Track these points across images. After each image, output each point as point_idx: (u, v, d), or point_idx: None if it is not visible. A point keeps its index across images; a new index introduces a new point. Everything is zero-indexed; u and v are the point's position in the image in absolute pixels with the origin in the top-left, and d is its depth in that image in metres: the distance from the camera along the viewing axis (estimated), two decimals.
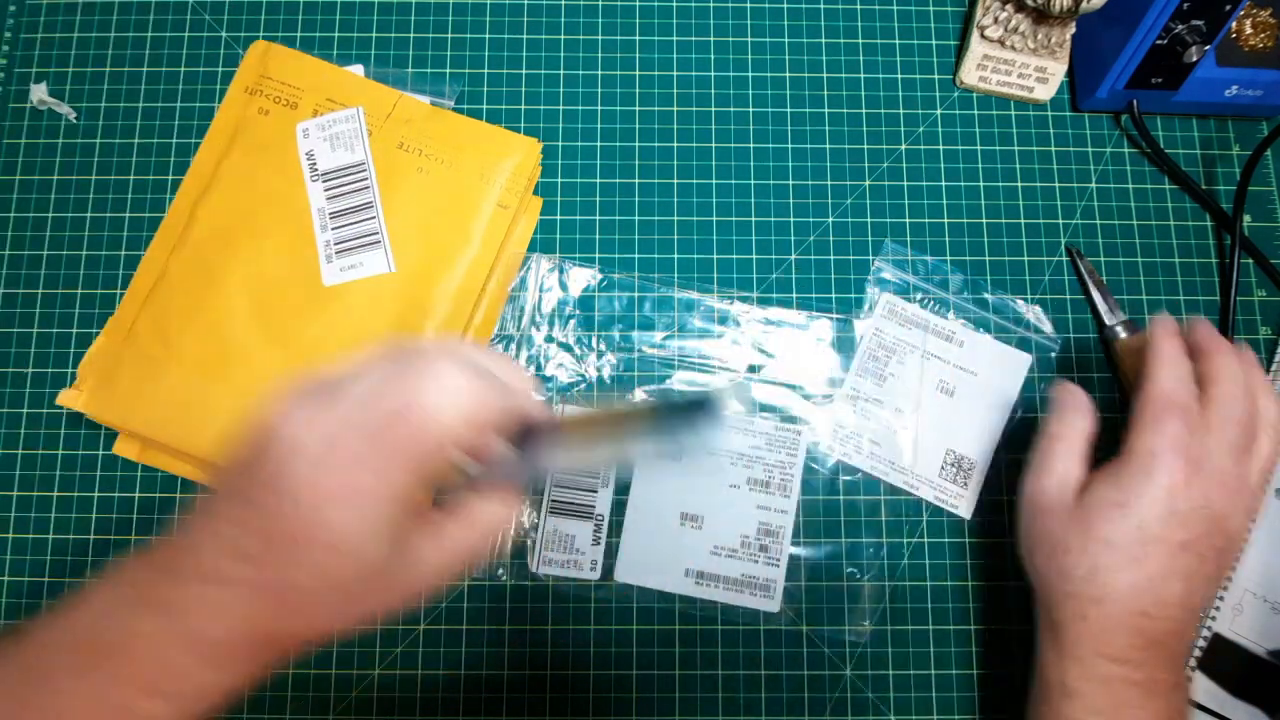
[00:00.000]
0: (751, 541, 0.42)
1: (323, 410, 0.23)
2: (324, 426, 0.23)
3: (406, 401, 0.23)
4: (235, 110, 0.44)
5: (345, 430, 0.23)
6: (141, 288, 0.42)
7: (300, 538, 0.23)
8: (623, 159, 0.46)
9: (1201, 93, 0.45)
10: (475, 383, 0.24)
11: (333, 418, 0.23)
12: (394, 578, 0.25)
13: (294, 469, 0.23)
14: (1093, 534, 0.33)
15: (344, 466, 0.23)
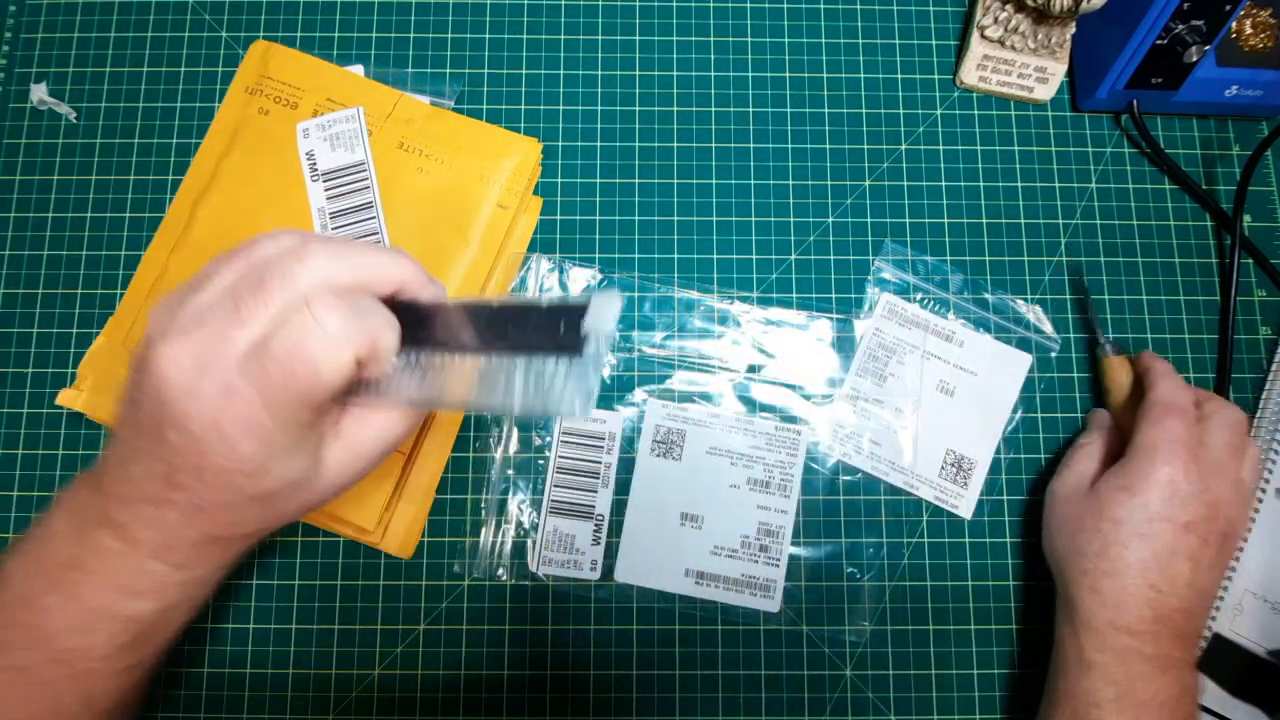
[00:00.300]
0: (751, 541, 0.42)
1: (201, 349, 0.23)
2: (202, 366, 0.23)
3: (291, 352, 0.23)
4: (235, 110, 0.44)
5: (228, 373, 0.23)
6: (141, 288, 0.42)
7: (206, 465, 0.24)
8: (623, 159, 0.46)
9: (1201, 93, 0.45)
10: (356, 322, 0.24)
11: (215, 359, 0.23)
12: (306, 485, 0.26)
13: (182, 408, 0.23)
14: (1104, 515, 0.36)
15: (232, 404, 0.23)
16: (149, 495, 0.25)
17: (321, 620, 0.41)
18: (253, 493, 0.25)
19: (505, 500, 0.42)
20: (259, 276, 0.24)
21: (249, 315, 0.23)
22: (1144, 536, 0.35)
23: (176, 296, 0.25)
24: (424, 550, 0.42)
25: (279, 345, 0.23)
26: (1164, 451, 0.36)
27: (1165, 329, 0.45)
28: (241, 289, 0.24)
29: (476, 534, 0.42)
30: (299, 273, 0.24)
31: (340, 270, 0.24)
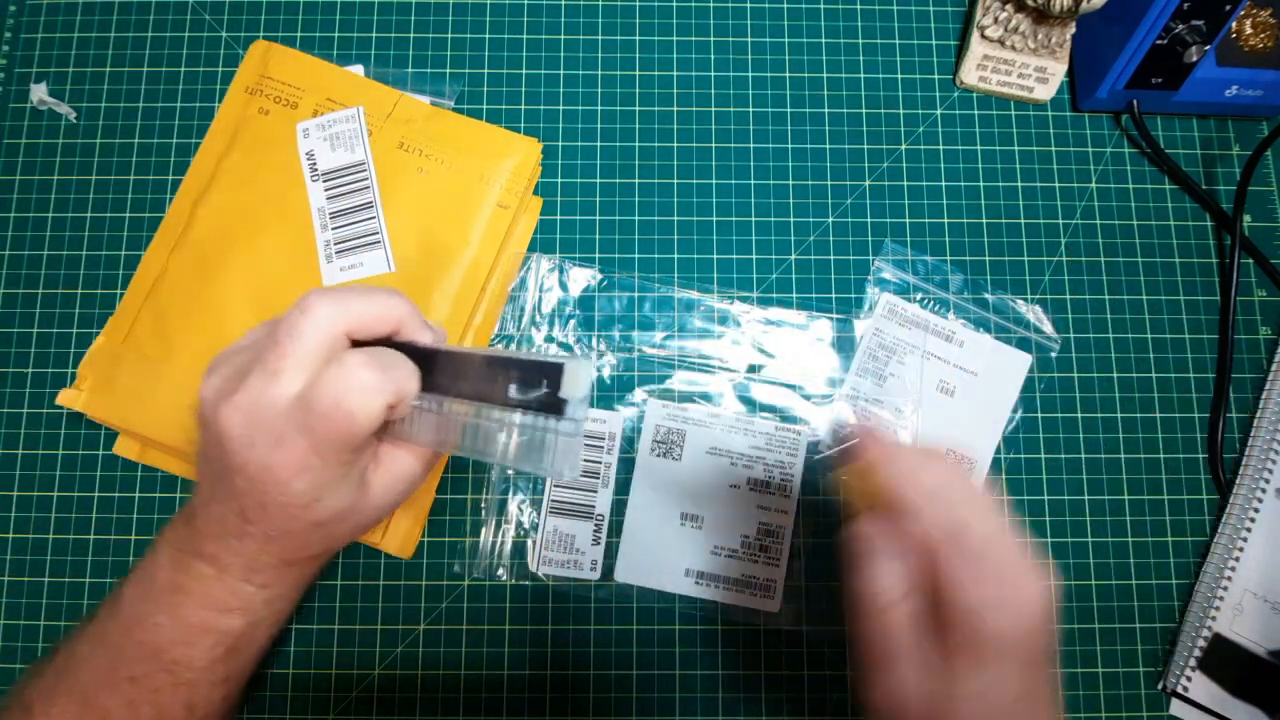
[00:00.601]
0: (751, 541, 0.42)
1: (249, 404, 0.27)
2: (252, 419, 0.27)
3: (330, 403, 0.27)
4: (235, 110, 0.44)
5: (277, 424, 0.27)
6: (141, 287, 0.42)
7: (268, 502, 0.28)
8: (623, 159, 0.46)
9: (1201, 93, 0.45)
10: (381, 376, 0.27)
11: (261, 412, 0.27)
12: (359, 507, 0.30)
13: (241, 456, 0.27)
14: None
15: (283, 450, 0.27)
16: (230, 529, 0.29)
17: (321, 620, 0.41)
18: (311, 521, 0.29)
19: (505, 500, 0.42)
20: (274, 336, 0.28)
21: (275, 371, 0.27)
22: None
23: (223, 358, 0.30)
24: (424, 550, 0.42)
25: (320, 399, 0.27)
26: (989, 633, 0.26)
27: (1165, 329, 0.45)
28: (264, 349, 0.28)
29: (476, 534, 0.42)
30: (304, 326, 0.27)
31: (340, 317, 0.28)
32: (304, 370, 0.27)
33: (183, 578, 0.30)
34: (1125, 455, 0.44)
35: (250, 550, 0.30)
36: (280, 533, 0.29)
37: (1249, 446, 0.44)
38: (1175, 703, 0.42)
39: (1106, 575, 0.43)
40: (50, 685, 0.31)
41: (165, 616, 0.30)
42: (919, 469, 0.28)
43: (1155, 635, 0.43)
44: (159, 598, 0.30)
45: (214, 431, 0.28)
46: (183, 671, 0.30)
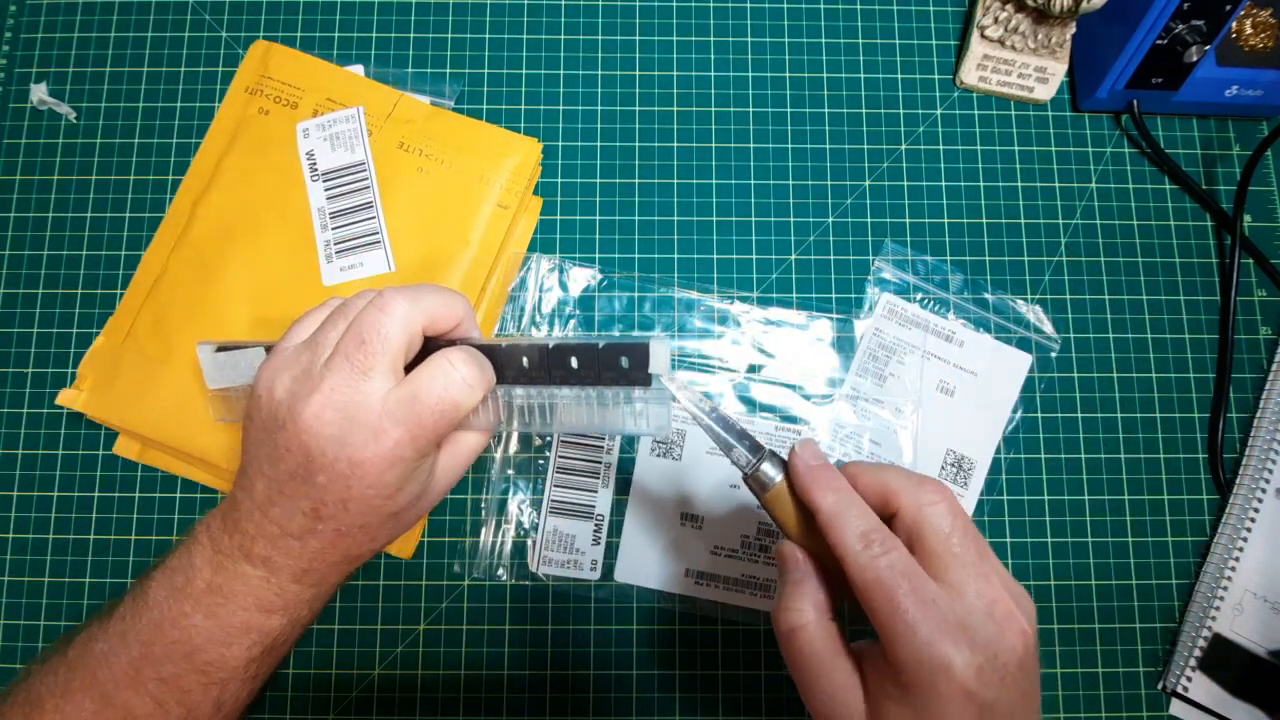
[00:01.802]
0: (751, 541, 0.42)
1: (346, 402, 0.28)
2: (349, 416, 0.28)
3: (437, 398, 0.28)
4: (235, 110, 0.44)
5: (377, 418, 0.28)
6: (141, 287, 0.42)
7: (352, 497, 0.28)
8: (623, 159, 0.46)
9: (1201, 93, 0.45)
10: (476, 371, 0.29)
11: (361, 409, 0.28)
12: (427, 492, 0.31)
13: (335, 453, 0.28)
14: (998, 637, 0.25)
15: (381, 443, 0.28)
16: (294, 529, 0.29)
17: (321, 620, 0.41)
18: (389, 511, 0.29)
19: (505, 500, 0.42)
20: (359, 336, 0.28)
21: (365, 369, 0.28)
22: None
23: (285, 361, 0.30)
24: (424, 550, 0.42)
25: (428, 394, 0.28)
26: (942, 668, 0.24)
27: (1165, 329, 0.45)
28: (350, 348, 0.28)
29: (476, 534, 0.42)
30: (387, 323, 0.29)
31: (417, 315, 0.29)
32: (390, 366, 0.29)
33: (225, 580, 0.30)
34: (1125, 455, 0.44)
35: (312, 549, 0.30)
36: (354, 527, 0.29)
37: (1249, 446, 0.44)
38: (1175, 703, 0.42)
39: (1106, 575, 0.43)
40: (64, 681, 0.30)
41: (203, 617, 0.30)
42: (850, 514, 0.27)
43: (1155, 635, 0.43)
44: (197, 598, 0.30)
45: (296, 430, 0.28)
46: (216, 671, 0.30)
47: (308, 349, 0.30)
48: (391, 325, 0.28)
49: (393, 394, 0.28)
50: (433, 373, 0.29)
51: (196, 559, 0.31)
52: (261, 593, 0.30)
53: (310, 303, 0.41)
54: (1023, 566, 0.43)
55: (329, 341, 0.29)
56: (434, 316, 0.30)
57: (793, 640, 0.27)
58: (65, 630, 0.41)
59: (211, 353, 0.36)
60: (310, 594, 0.31)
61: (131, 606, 0.31)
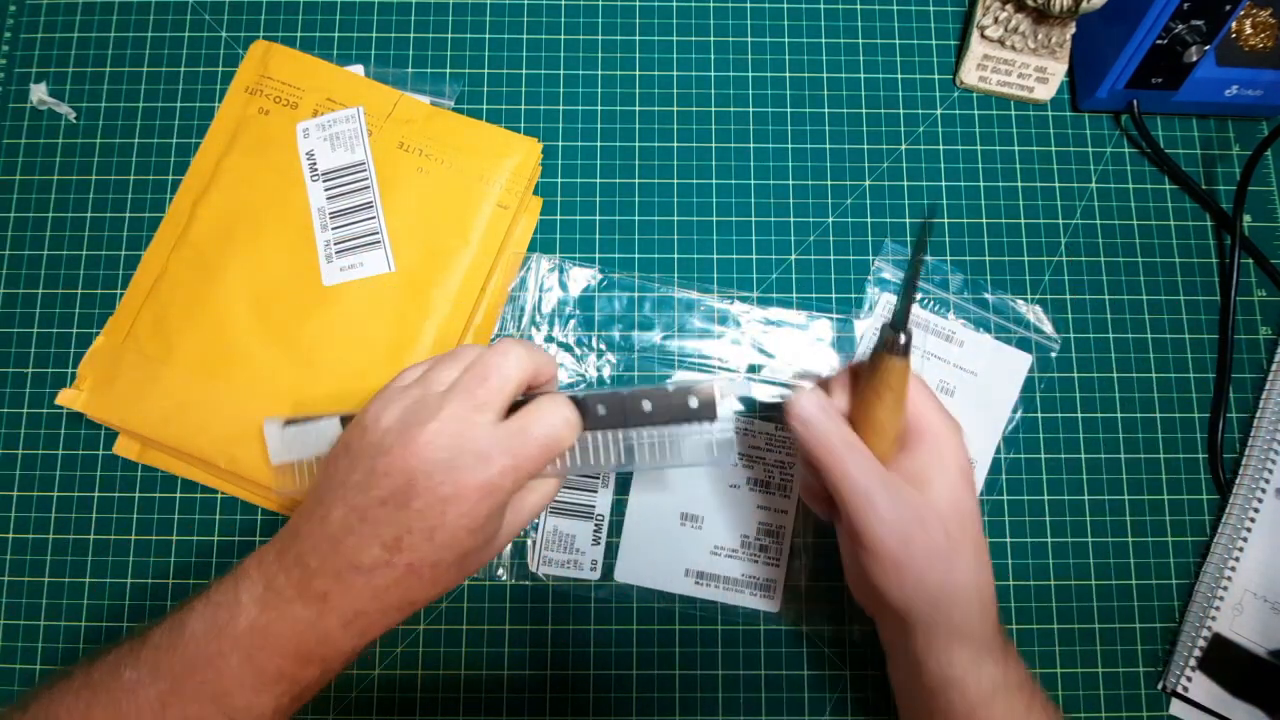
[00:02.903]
0: (751, 541, 0.42)
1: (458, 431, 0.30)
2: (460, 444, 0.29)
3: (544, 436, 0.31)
4: (235, 110, 0.44)
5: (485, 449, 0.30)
6: (141, 287, 0.42)
7: (442, 525, 0.29)
8: (623, 159, 0.46)
9: (1201, 93, 0.45)
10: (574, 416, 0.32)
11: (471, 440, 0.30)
12: (497, 539, 0.32)
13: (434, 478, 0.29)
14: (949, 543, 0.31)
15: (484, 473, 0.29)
16: (363, 563, 0.29)
17: None
18: (466, 548, 0.30)
19: None
20: (483, 373, 0.31)
21: (482, 403, 0.30)
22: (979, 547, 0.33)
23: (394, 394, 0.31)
24: None
25: (537, 430, 0.31)
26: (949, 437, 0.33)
27: (1165, 329, 0.45)
28: (471, 383, 0.31)
29: None
30: (507, 365, 0.31)
31: (528, 364, 0.32)
32: (503, 405, 0.31)
33: (270, 621, 0.29)
34: (1125, 455, 0.44)
35: (376, 586, 0.29)
36: (426, 564, 0.29)
37: (1249, 446, 0.44)
38: (1175, 703, 0.42)
39: (1106, 575, 0.43)
40: (85, 705, 0.29)
41: (239, 660, 0.29)
42: None
43: (1155, 635, 0.43)
44: (236, 639, 0.29)
45: (403, 454, 0.29)
46: (242, 717, 0.30)
47: (419, 386, 0.31)
48: (511, 368, 0.31)
49: (502, 426, 0.30)
50: (540, 410, 0.31)
51: (243, 595, 0.30)
52: (305, 638, 0.29)
53: (310, 303, 0.42)
54: (1023, 566, 0.43)
55: (442, 379, 0.31)
56: (539, 369, 0.33)
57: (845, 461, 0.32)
58: (64, 631, 0.41)
59: (280, 428, 0.36)
60: (351, 645, 0.30)
61: (167, 636, 0.30)
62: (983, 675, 0.32)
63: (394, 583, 0.30)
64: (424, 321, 0.42)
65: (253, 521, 0.42)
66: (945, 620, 0.32)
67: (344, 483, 0.30)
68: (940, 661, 0.32)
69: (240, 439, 0.40)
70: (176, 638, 0.30)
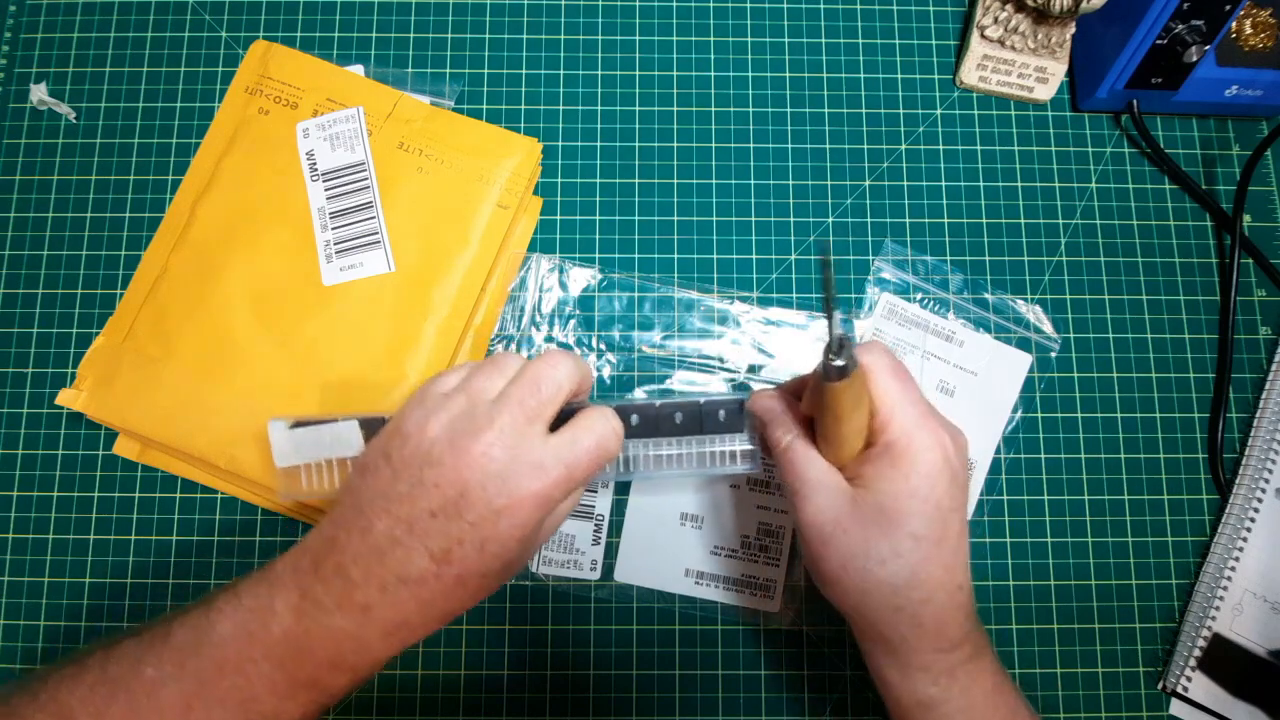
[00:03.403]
0: (751, 541, 0.42)
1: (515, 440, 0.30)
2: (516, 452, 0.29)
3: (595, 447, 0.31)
4: (235, 110, 0.44)
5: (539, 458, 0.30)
6: (141, 287, 0.42)
7: (493, 536, 0.29)
8: (623, 159, 0.46)
9: (1201, 93, 0.45)
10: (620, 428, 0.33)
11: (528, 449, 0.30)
12: (531, 552, 0.33)
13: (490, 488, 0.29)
14: (901, 533, 0.30)
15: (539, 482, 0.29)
16: (410, 575, 0.29)
17: None
18: (514, 557, 0.30)
19: None
20: (535, 383, 0.31)
21: (535, 415, 0.31)
22: (942, 541, 0.30)
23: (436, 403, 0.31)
24: None
25: (589, 437, 0.31)
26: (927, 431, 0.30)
27: (1165, 329, 0.45)
28: (523, 394, 0.31)
29: None
30: (558, 376, 0.31)
31: (575, 376, 0.32)
32: (552, 415, 0.31)
33: (306, 630, 0.29)
34: (1125, 455, 0.44)
35: (422, 598, 0.29)
36: (475, 575, 0.29)
37: (1249, 446, 0.44)
38: (1175, 703, 0.42)
39: (1106, 575, 0.43)
40: (102, 700, 0.29)
41: (271, 667, 0.29)
42: None
43: (1155, 635, 0.43)
44: (270, 646, 0.29)
45: (456, 466, 0.29)
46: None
47: (462, 395, 0.31)
48: (563, 379, 0.31)
49: (555, 437, 0.31)
50: (591, 421, 0.32)
51: (278, 604, 0.29)
52: (343, 648, 0.29)
53: (310, 303, 0.42)
54: (1023, 566, 0.43)
55: (489, 388, 0.31)
56: (584, 381, 0.33)
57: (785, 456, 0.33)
58: (65, 629, 0.41)
59: (287, 430, 0.36)
60: (387, 655, 0.30)
61: (193, 636, 0.29)
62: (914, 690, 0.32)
63: (441, 594, 0.29)
64: (424, 321, 0.42)
65: (253, 521, 0.42)
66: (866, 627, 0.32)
67: (387, 494, 0.29)
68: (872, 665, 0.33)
69: (240, 439, 0.40)
70: (204, 639, 0.29)
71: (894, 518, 0.30)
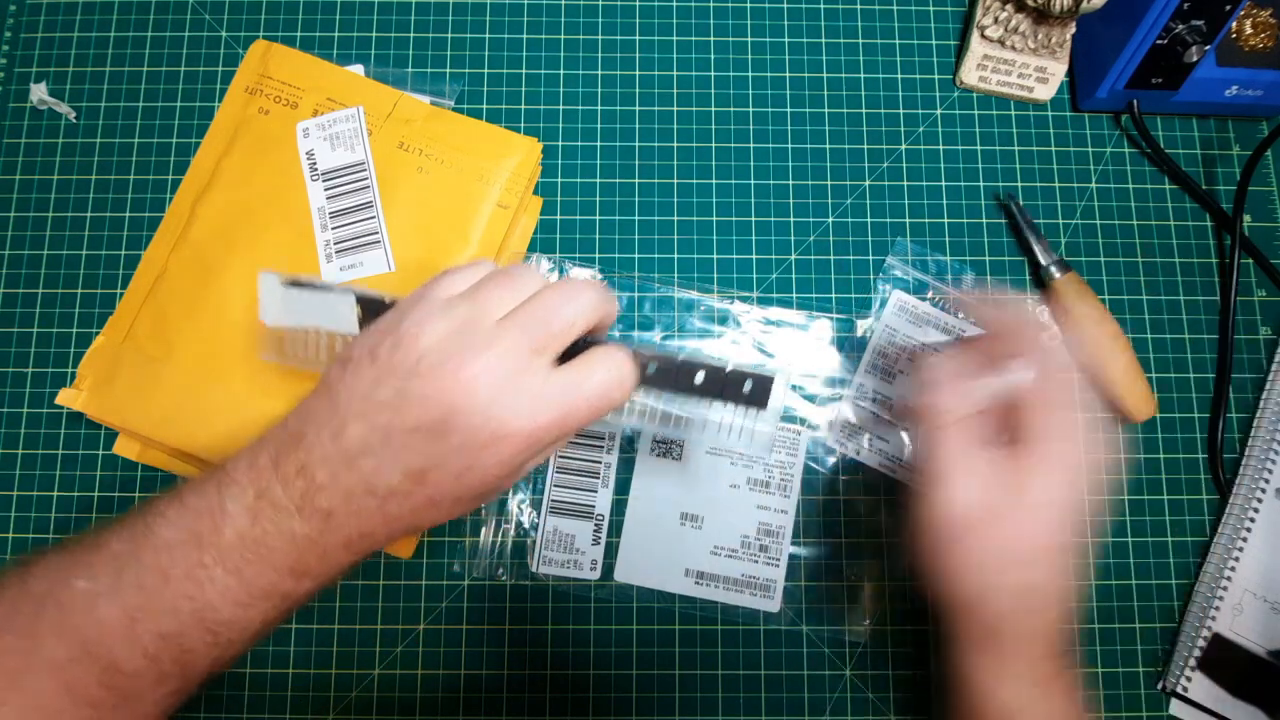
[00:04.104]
0: (751, 541, 0.42)
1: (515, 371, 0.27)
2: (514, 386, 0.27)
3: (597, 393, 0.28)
4: (235, 110, 0.44)
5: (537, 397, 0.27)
6: (141, 287, 0.42)
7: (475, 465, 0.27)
8: (623, 159, 0.46)
9: (1201, 93, 0.45)
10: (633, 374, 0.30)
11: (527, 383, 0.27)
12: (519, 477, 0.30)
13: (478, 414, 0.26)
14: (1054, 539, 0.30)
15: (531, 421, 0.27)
16: (379, 489, 0.27)
17: (321, 620, 0.41)
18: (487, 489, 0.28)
19: (505, 500, 0.42)
20: (544, 315, 0.28)
21: (542, 348, 0.28)
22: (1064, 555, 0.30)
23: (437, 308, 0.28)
24: (424, 550, 0.42)
25: (592, 384, 0.28)
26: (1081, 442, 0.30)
27: (1165, 329, 0.45)
28: (530, 322, 0.28)
29: (476, 534, 0.42)
30: (573, 312, 0.28)
31: (595, 312, 0.29)
32: (560, 350, 0.28)
33: (264, 534, 0.27)
34: (1125, 455, 0.44)
35: (389, 513, 0.27)
36: (448, 498, 0.27)
37: (1249, 446, 0.44)
38: (1175, 703, 0.42)
39: (1106, 575, 0.43)
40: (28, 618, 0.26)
41: (225, 573, 0.26)
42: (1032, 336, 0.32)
43: (1155, 635, 0.43)
44: (223, 551, 0.26)
45: (445, 383, 0.26)
46: (227, 633, 0.27)
47: (466, 303, 0.28)
48: (578, 315, 0.28)
49: (557, 375, 0.28)
50: (598, 364, 0.28)
51: (229, 504, 0.27)
52: (304, 555, 0.27)
53: None
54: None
55: (495, 303, 0.28)
56: (605, 317, 0.30)
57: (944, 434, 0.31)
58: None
59: (279, 285, 0.33)
60: (350, 561, 0.28)
61: (130, 544, 0.27)
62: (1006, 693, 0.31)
63: (410, 511, 0.28)
64: None
65: None
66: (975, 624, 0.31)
67: (367, 396, 0.27)
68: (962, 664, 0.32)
69: (240, 439, 0.40)
70: (144, 546, 0.27)
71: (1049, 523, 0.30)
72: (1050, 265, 0.43)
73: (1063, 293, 0.43)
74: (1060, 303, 0.43)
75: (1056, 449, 0.30)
